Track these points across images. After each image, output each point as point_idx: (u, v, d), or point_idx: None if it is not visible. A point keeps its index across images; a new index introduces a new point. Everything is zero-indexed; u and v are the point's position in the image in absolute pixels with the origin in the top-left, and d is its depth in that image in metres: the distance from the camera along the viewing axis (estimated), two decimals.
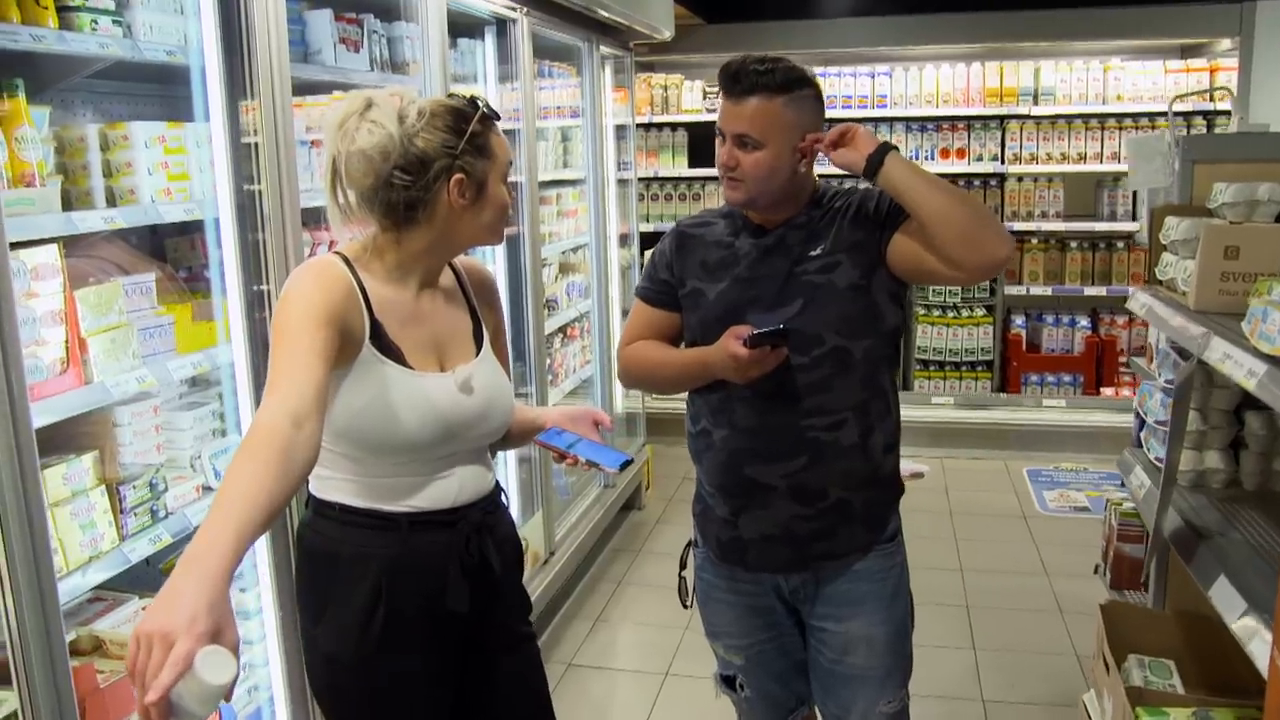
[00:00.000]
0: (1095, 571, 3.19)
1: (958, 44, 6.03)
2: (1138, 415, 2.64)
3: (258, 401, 2.36)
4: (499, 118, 1.76)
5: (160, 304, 2.27)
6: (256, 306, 2.17)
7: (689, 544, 2.31)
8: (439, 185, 1.68)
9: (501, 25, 3.42)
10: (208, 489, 2.37)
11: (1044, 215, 6.08)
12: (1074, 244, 6.10)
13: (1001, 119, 6.08)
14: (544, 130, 4.49)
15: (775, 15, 5.97)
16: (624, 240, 5.25)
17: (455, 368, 1.78)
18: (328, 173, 1.68)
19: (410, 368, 1.71)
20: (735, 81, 1.97)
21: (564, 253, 4.69)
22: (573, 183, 4.64)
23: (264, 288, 2.13)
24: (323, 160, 1.70)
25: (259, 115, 2.01)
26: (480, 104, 1.73)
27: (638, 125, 6.17)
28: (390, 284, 1.73)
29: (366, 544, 1.73)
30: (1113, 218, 6.03)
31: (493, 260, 3.73)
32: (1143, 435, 2.37)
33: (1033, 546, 4.68)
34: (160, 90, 2.20)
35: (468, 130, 1.69)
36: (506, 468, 3.82)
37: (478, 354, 1.84)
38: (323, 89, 2.74)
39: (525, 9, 3.42)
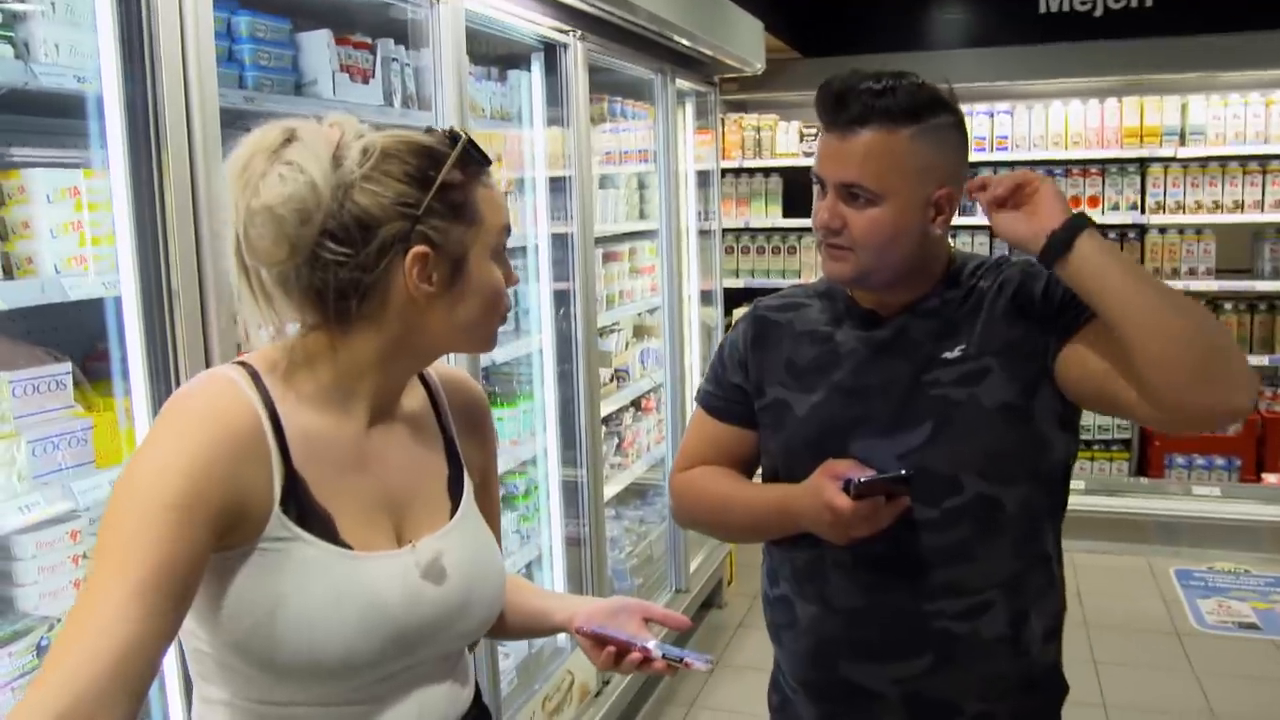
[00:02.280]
0: None
1: (1090, 78, 5.28)
2: None
3: None
4: (489, 162, 1.17)
5: (79, 403, 1.76)
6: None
7: None
8: (390, 261, 1.10)
9: (550, 52, 2.87)
10: None
11: (1192, 273, 5.26)
12: (1228, 306, 5.27)
13: (1142, 162, 5.31)
14: (614, 177, 3.96)
15: (880, 47, 5.32)
16: (706, 298, 4.66)
17: (418, 540, 1.17)
18: (233, 241, 1.12)
19: (345, 545, 1.11)
20: (840, 107, 1.38)
21: (639, 315, 4.13)
22: (650, 234, 4.08)
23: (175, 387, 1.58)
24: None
25: (168, 160, 1.47)
26: (461, 140, 1.15)
27: (727, 171, 5.60)
28: (323, 410, 1.14)
29: None
30: (1275, 275, 5.20)
31: (537, 318, 3.12)
32: None
33: (1192, 677, 3.86)
34: (71, 128, 1.69)
35: (437, 179, 1.10)
36: (552, 553, 3.12)
37: (453, 514, 1.24)
38: None
39: (579, 32, 2.86)
